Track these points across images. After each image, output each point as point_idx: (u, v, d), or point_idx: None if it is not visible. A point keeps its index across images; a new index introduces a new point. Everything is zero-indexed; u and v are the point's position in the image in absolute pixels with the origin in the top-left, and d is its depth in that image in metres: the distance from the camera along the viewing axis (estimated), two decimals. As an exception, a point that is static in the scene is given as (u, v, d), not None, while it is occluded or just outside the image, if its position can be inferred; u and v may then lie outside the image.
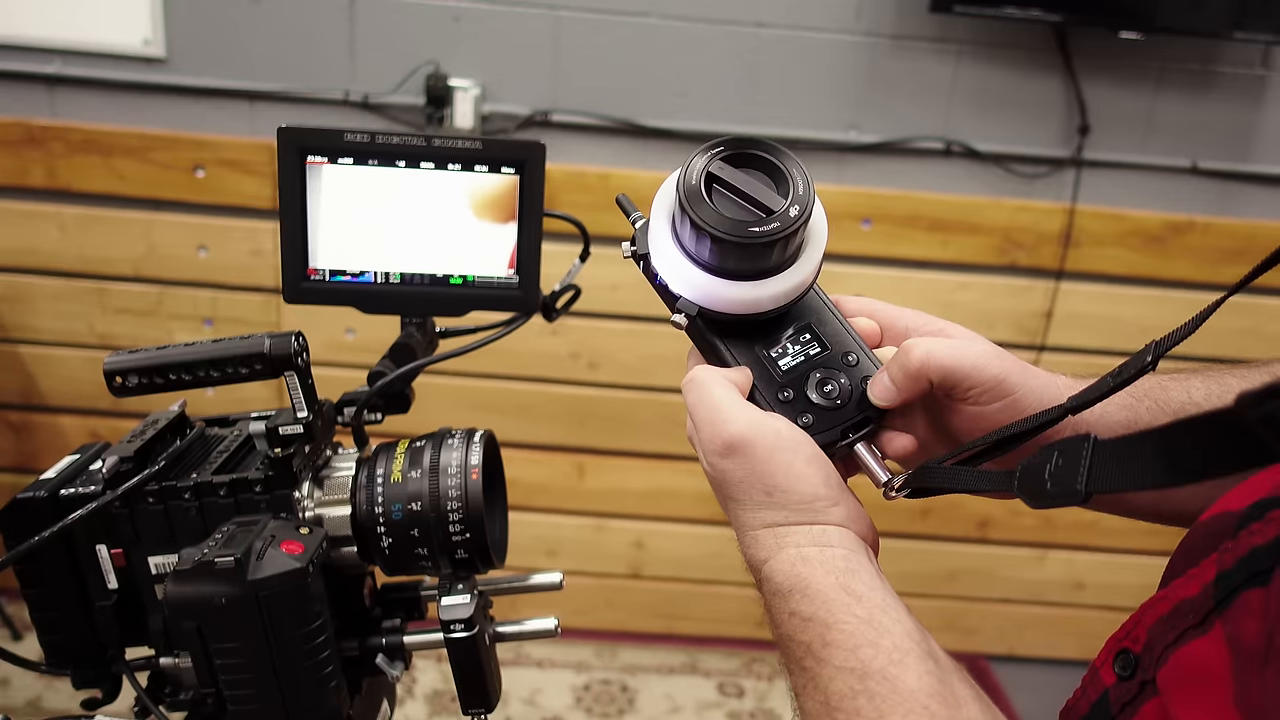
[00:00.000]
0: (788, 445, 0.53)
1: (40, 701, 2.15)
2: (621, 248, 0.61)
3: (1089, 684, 0.51)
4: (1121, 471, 0.42)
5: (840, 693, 0.46)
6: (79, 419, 2.34)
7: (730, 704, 2.35)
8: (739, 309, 0.57)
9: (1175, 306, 2.23)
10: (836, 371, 0.58)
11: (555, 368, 2.27)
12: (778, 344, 0.59)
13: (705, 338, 0.59)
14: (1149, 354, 0.51)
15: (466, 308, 0.76)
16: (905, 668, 0.45)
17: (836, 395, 0.57)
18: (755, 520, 0.53)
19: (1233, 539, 0.43)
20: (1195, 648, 0.42)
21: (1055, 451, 0.45)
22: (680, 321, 0.58)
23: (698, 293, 0.57)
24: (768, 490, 0.53)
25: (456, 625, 0.69)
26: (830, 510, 0.53)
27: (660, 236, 0.58)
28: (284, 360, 0.66)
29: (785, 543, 0.52)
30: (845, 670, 0.46)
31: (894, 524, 2.36)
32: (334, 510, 0.70)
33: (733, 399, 0.54)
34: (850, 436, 0.57)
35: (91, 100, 2.10)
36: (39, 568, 0.67)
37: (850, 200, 2.16)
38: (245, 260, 2.19)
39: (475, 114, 2.07)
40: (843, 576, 0.50)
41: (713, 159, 0.55)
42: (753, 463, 0.53)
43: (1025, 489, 0.47)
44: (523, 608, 0.74)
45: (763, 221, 0.54)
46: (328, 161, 0.72)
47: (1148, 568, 2.43)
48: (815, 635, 0.48)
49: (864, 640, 0.47)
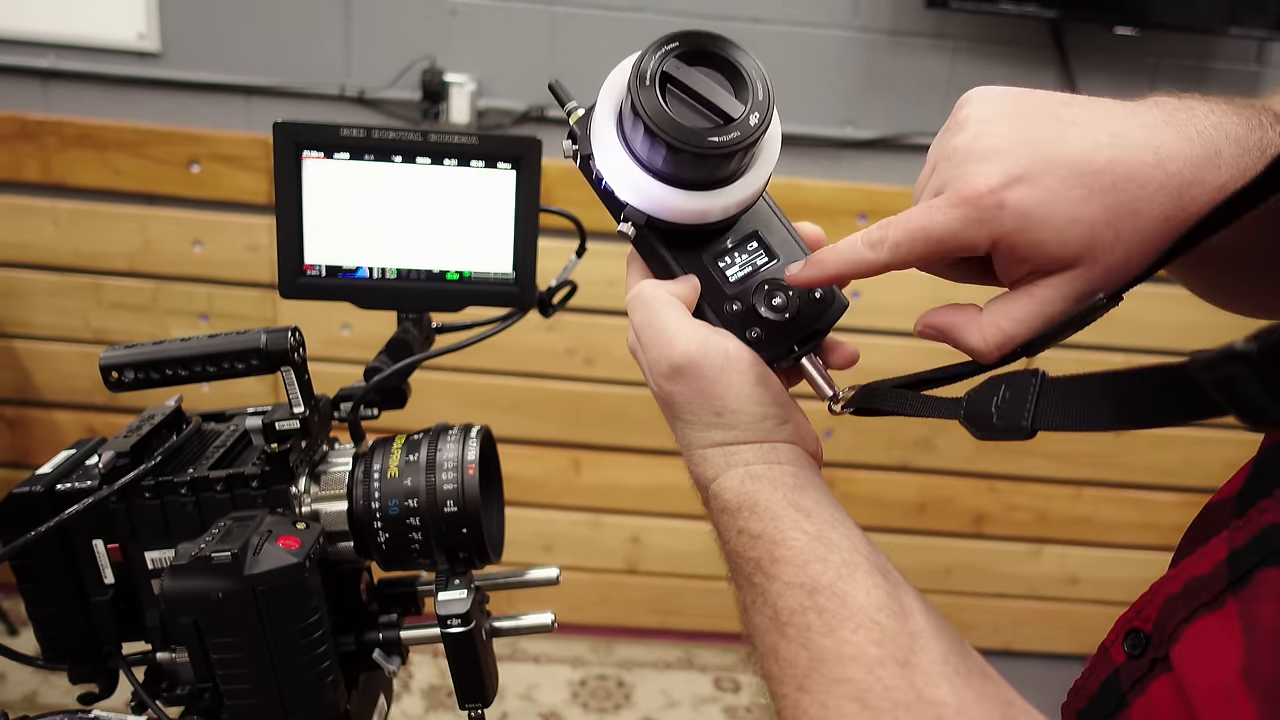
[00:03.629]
0: (736, 366, 0.52)
1: (36, 696, 2.15)
2: (564, 145, 0.57)
3: (1098, 663, 0.51)
4: (1069, 410, 0.42)
5: (790, 608, 0.46)
6: (74, 414, 2.33)
7: (726, 699, 2.35)
8: (690, 219, 0.54)
9: (1171, 301, 2.23)
10: (783, 282, 0.56)
11: (551, 363, 2.27)
12: (725, 254, 0.56)
13: (651, 247, 0.56)
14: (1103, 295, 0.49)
15: (463, 303, 0.76)
16: (854, 582, 0.45)
17: (784, 308, 0.55)
18: (704, 439, 0.53)
19: (1241, 516, 0.43)
20: (1208, 623, 0.42)
21: (1002, 384, 0.45)
22: (628, 231, 0.55)
23: (647, 201, 0.54)
24: (717, 411, 0.52)
25: (453, 620, 0.70)
26: (780, 428, 0.53)
27: (606, 137, 0.54)
28: (280, 355, 0.66)
29: (734, 461, 0.52)
30: (794, 586, 0.46)
31: (889, 519, 2.37)
32: (331, 505, 0.70)
33: (680, 318, 0.53)
34: (797, 349, 0.55)
35: (86, 94, 2.10)
36: (35, 563, 0.67)
37: (847, 196, 2.16)
38: (241, 255, 2.18)
39: (471, 109, 2.06)
40: (791, 493, 0.50)
41: (667, 56, 0.51)
42: (701, 384, 0.52)
43: (971, 419, 0.47)
44: (519, 603, 0.74)
45: (721, 130, 0.51)
46: (324, 156, 0.71)
47: (1143, 562, 2.44)
48: (764, 551, 0.48)
49: (813, 556, 0.47)
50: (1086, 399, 0.41)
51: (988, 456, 2.34)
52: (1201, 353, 0.33)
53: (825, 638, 0.44)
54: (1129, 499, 2.41)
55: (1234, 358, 0.32)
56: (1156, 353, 2.23)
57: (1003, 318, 0.48)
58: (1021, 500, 2.41)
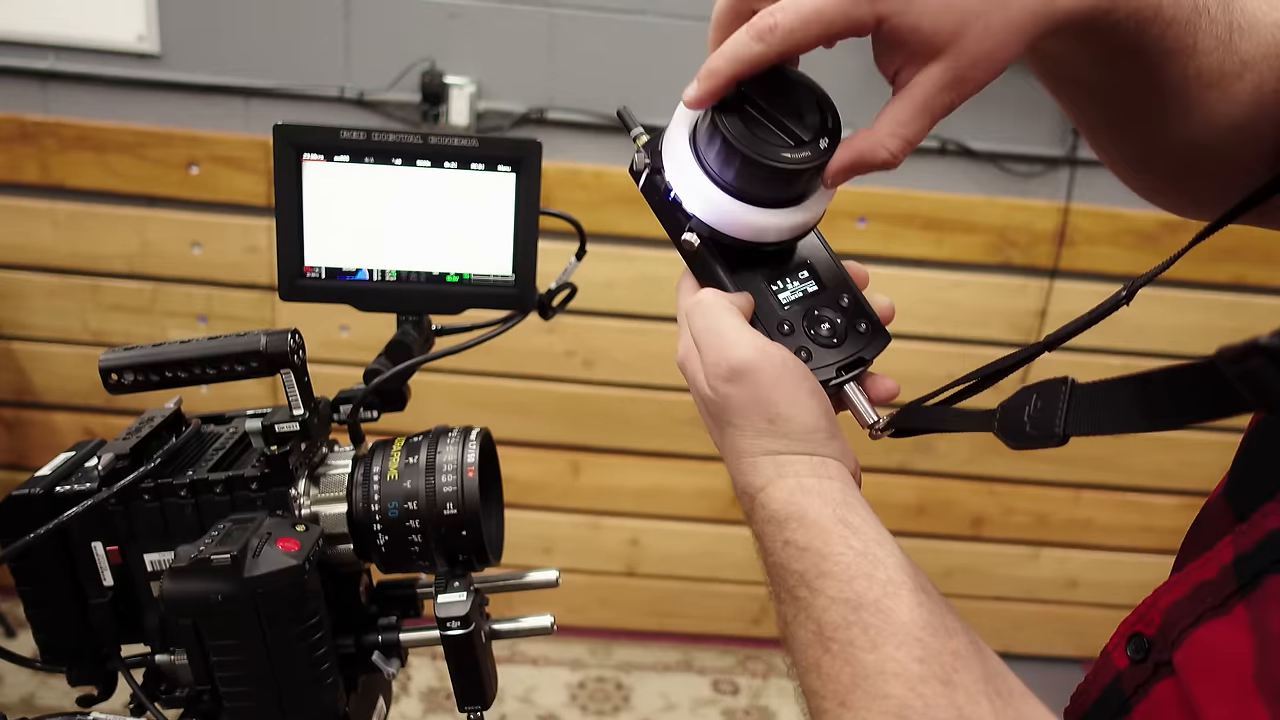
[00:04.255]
0: (792, 374, 0.53)
1: (34, 699, 2.15)
2: (634, 158, 0.59)
3: (1100, 668, 0.51)
4: (1099, 415, 0.42)
5: (834, 623, 0.46)
6: (73, 416, 2.33)
7: (725, 701, 2.35)
8: (752, 235, 0.56)
9: (1169, 305, 2.24)
10: (831, 311, 0.58)
11: (551, 366, 2.27)
12: (779, 278, 0.59)
13: (708, 263, 0.58)
14: (1124, 289, 0.52)
15: (462, 306, 0.76)
16: (899, 600, 0.46)
17: (832, 334, 0.57)
18: (755, 447, 0.53)
19: (1244, 520, 0.44)
20: (1215, 629, 0.43)
21: (1034, 394, 0.46)
22: (692, 240, 0.56)
23: (713, 212, 0.56)
24: (770, 418, 0.52)
25: (453, 623, 0.69)
26: (829, 442, 0.53)
27: (679, 150, 0.56)
28: (280, 358, 0.66)
29: (785, 471, 0.52)
30: (840, 601, 0.46)
31: (888, 522, 2.34)
32: (330, 508, 0.70)
33: (741, 324, 0.54)
34: (843, 375, 0.57)
35: (85, 96, 2.10)
36: (34, 565, 0.67)
37: (846, 199, 2.16)
38: (240, 257, 2.18)
39: (471, 111, 2.06)
40: (840, 509, 0.50)
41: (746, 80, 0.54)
42: (757, 388, 0.52)
43: (1005, 430, 0.48)
44: (518, 605, 0.74)
45: (794, 149, 0.53)
46: (323, 159, 0.71)
47: (1142, 565, 2.44)
48: (810, 565, 0.48)
49: (859, 572, 0.47)
50: (1116, 403, 0.41)
51: (987, 459, 2.34)
52: (1229, 347, 0.34)
53: (869, 653, 0.44)
54: (1128, 502, 2.42)
55: (1259, 351, 0.33)
56: (1155, 356, 2.23)
57: (894, 124, 0.51)
58: (1020, 503, 2.42)
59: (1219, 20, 0.51)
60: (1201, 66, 0.51)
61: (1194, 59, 0.51)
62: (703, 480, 2.31)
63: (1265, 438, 0.48)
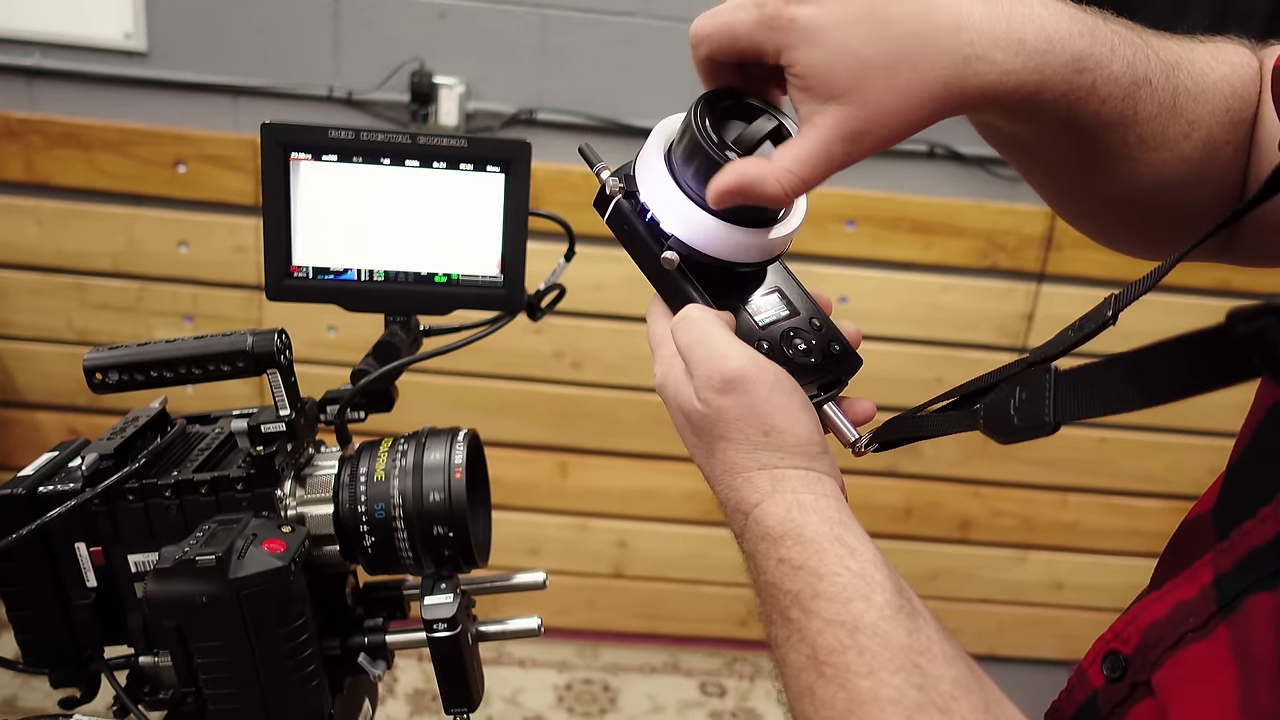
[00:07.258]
0: (784, 386, 0.52)
1: (16, 700, 2.13)
2: (608, 183, 0.59)
3: (1075, 685, 0.51)
4: (1091, 397, 0.42)
5: (829, 646, 0.45)
6: (56, 415, 2.31)
7: (712, 703, 2.35)
8: (730, 254, 0.57)
9: (1155, 310, 2.24)
10: (806, 332, 0.59)
11: (539, 367, 2.27)
12: (753, 300, 0.60)
13: (683, 286, 0.58)
14: (1109, 308, 0.51)
15: (451, 306, 0.76)
16: (897, 623, 0.44)
17: (808, 354, 0.58)
18: (750, 461, 0.52)
19: (1224, 538, 0.43)
20: (1196, 651, 0.42)
21: (1016, 387, 0.45)
22: (672, 259, 0.57)
23: (693, 230, 0.56)
24: (765, 429, 0.51)
25: (439, 625, 0.69)
26: (821, 457, 0.53)
27: (655, 171, 0.57)
28: (267, 358, 0.65)
29: (781, 487, 0.51)
30: (835, 623, 0.45)
31: (874, 524, 2.37)
32: (316, 509, 0.70)
33: (730, 336, 0.54)
34: (822, 395, 0.57)
35: (71, 93, 2.08)
36: (16, 565, 0.66)
37: (834, 202, 2.16)
38: (227, 256, 2.17)
39: (460, 111, 2.06)
40: (836, 528, 0.49)
41: (714, 103, 0.56)
42: (752, 399, 0.51)
43: (991, 426, 0.47)
44: (505, 607, 0.74)
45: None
46: (311, 158, 0.71)
47: (1127, 569, 2.45)
48: (805, 584, 0.47)
49: (856, 594, 0.45)
50: (1108, 382, 0.41)
51: (974, 462, 2.35)
52: (1242, 307, 0.34)
53: (865, 679, 0.43)
54: (1114, 505, 2.43)
55: (1271, 311, 0.33)
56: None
57: (790, 160, 0.50)
58: (1007, 506, 2.43)
59: (1162, 88, 0.51)
60: (1144, 133, 0.51)
61: (1135, 127, 0.51)
62: (691, 482, 2.31)
63: (1252, 456, 0.48)
